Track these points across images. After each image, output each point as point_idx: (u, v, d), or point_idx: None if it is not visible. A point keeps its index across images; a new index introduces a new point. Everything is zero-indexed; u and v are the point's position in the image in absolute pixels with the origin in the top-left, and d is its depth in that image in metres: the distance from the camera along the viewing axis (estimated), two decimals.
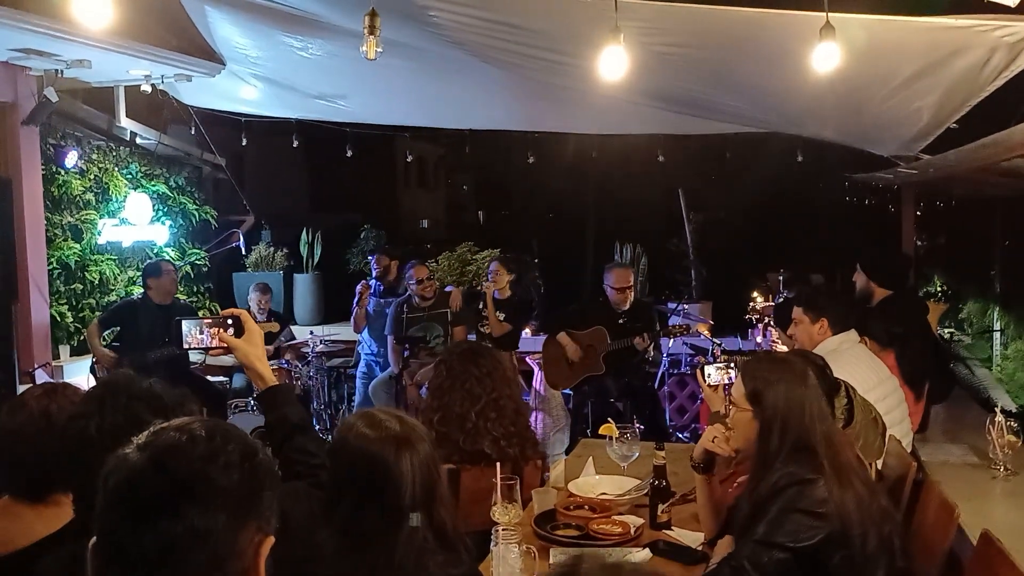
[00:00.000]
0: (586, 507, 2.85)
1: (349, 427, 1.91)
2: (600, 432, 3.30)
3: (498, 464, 2.55)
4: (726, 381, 3.30)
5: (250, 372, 2.19)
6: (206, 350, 2.33)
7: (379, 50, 3.16)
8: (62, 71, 6.03)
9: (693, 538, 2.70)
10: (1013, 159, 3.37)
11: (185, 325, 2.19)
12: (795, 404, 2.23)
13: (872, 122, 4.55)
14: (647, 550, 2.50)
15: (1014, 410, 8.27)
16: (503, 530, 2.38)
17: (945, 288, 12.19)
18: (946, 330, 11.87)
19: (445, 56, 5.24)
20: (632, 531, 2.66)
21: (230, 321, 2.17)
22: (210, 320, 2.21)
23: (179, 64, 6.28)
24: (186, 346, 2.20)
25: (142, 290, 6.04)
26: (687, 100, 4.80)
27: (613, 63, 3.08)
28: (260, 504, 1.07)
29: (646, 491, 2.91)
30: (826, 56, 2.92)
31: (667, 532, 2.77)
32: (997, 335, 10.95)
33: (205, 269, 8.25)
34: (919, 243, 13.31)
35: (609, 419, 3.29)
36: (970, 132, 3.94)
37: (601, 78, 3.17)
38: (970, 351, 11.28)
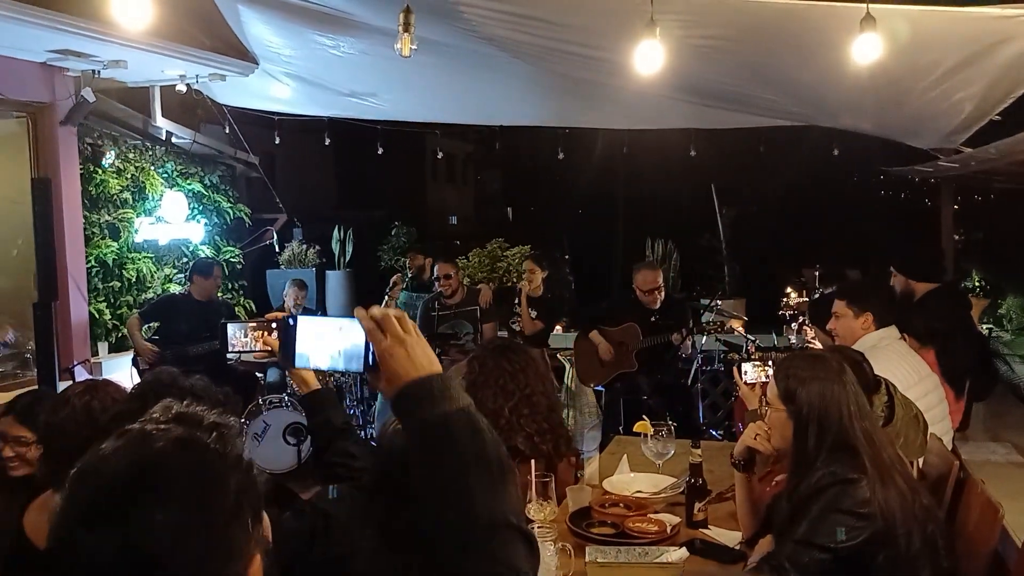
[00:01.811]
0: (621, 505, 2.83)
1: (389, 422, 1.91)
2: (635, 430, 3.27)
3: (532, 461, 2.54)
4: (763, 379, 3.26)
5: (294, 376, 2.25)
6: (251, 353, 2.35)
7: (414, 47, 3.15)
8: (99, 71, 6.12)
9: (730, 537, 2.67)
10: None
11: (230, 329, 2.23)
12: (831, 402, 2.20)
13: (912, 114, 4.46)
14: (684, 549, 2.47)
15: None
16: (538, 528, 2.37)
17: (984, 283, 11.97)
18: (985, 326, 11.66)
19: (476, 52, 5.23)
20: (668, 529, 2.64)
21: (274, 325, 2.20)
22: (254, 324, 2.24)
23: (213, 64, 6.33)
24: (231, 348, 2.24)
25: (183, 286, 6.12)
26: (721, 94, 4.74)
27: (649, 57, 3.04)
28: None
29: (682, 489, 2.88)
30: (867, 48, 2.86)
31: (704, 531, 2.74)
32: None
33: (239, 267, 8.33)
34: (957, 237, 13.09)
35: (644, 416, 3.26)
36: (1014, 124, 3.84)
37: (636, 73, 3.13)
38: (1010, 347, 11.07)
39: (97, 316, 6.61)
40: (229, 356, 6.43)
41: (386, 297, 6.51)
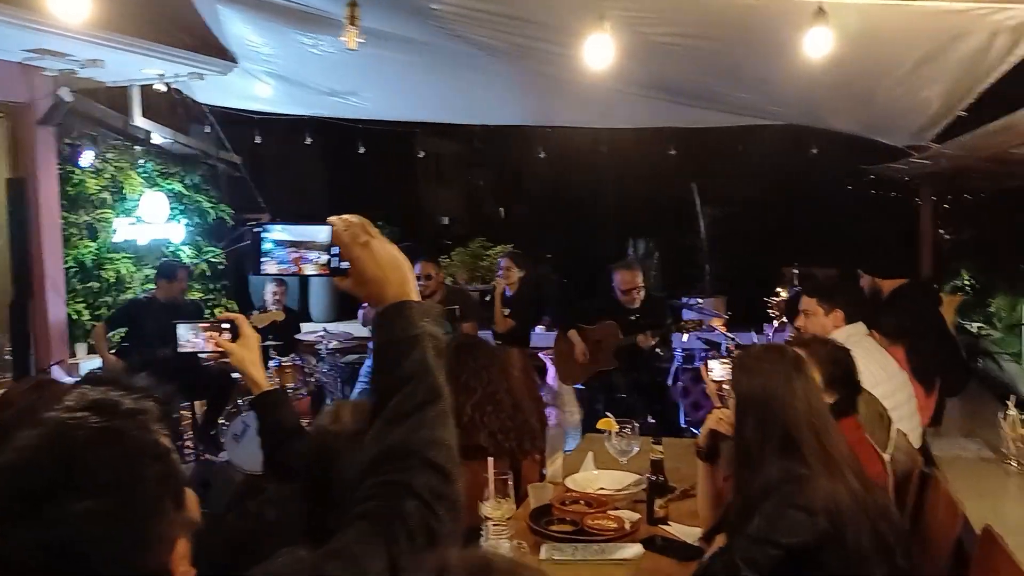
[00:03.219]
0: (582, 502, 2.82)
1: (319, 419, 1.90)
2: (599, 427, 3.27)
3: (490, 459, 2.53)
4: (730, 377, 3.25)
5: (245, 377, 2.21)
6: (203, 354, 2.32)
7: (361, 40, 3.14)
8: (76, 71, 6.09)
9: (691, 533, 2.66)
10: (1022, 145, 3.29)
11: (181, 329, 2.22)
12: (772, 395, 2.18)
13: (882, 111, 4.47)
14: (639, 545, 2.46)
15: None
16: (493, 525, 2.36)
17: (973, 282, 12.00)
18: (974, 324, 11.70)
19: (453, 51, 5.22)
20: (627, 526, 2.63)
21: (226, 325, 2.17)
22: (206, 324, 2.22)
23: (192, 63, 6.31)
24: (181, 350, 2.22)
25: (150, 288, 6.11)
26: (694, 91, 4.74)
27: (598, 51, 3.03)
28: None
29: (644, 486, 2.87)
30: (818, 41, 2.87)
31: (664, 527, 2.73)
32: None
33: (221, 267, 8.30)
34: (947, 236, 13.11)
35: (608, 414, 3.25)
36: (980, 120, 3.85)
37: (587, 67, 3.13)
38: (999, 346, 11.09)
39: (75, 317, 6.58)
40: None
41: (363, 309, 6.48)
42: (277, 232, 1.30)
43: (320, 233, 1.27)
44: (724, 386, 3.08)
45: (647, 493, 2.79)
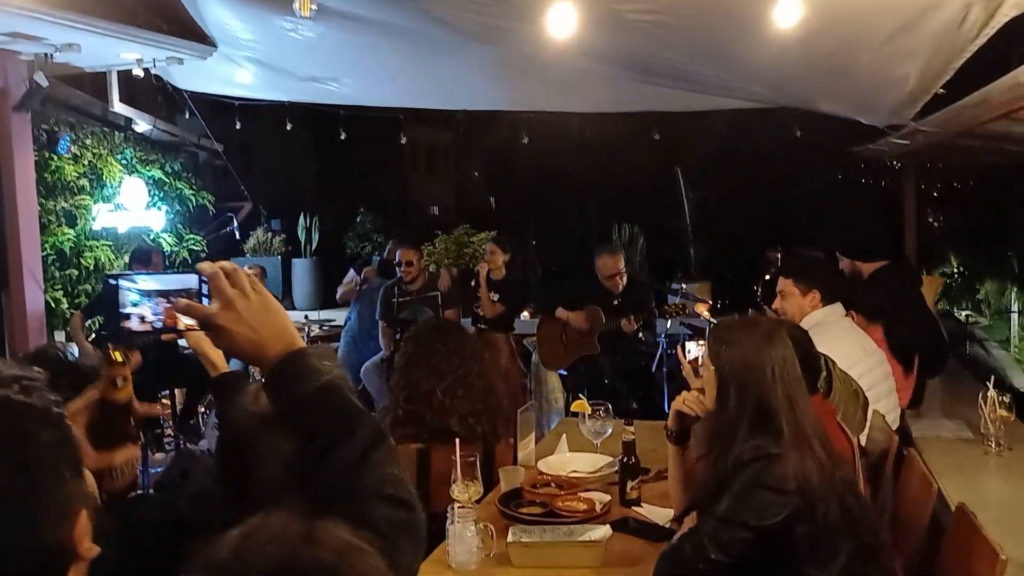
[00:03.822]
0: (553, 485, 2.79)
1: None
2: (572, 409, 3.24)
3: (457, 441, 2.49)
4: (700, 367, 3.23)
5: (202, 359, 2.07)
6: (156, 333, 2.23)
7: (314, 7, 3.08)
8: (52, 55, 6.00)
9: (663, 515, 2.64)
10: (997, 119, 3.26)
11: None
12: (752, 364, 2.17)
13: (861, 89, 4.44)
14: (607, 527, 2.43)
15: None
16: (459, 508, 2.33)
17: (962, 268, 12.04)
18: (962, 312, 11.73)
19: (431, 36, 5.18)
20: (598, 508, 2.60)
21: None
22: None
23: (170, 47, 6.22)
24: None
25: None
26: (672, 72, 4.69)
27: (561, 20, 2.98)
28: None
29: (617, 468, 2.84)
30: (788, 10, 2.82)
31: (636, 509, 2.71)
32: (1015, 316, 10.78)
33: (203, 255, 8.23)
34: (935, 223, 13.14)
35: (581, 396, 3.22)
36: (958, 97, 3.82)
37: (552, 37, 3.08)
38: (988, 332, 11.12)
39: (54, 305, 6.51)
40: (187, 345, 6.36)
41: (351, 274, 6.46)
42: (144, 282, 1.19)
43: (192, 281, 1.15)
44: (700, 360, 3.06)
45: (619, 475, 2.77)
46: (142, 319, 2.13)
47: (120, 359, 1.18)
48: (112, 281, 1.19)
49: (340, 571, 0.81)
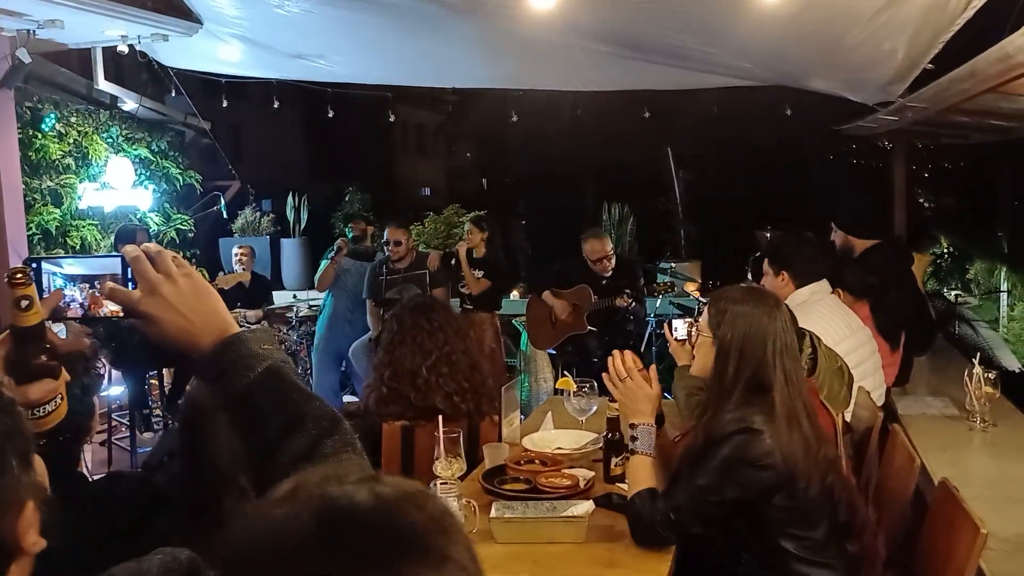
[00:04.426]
0: (537, 461, 2.78)
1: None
2: (557, 386, 3.23)
3: (440, 417, 2.48)
4: (693, 335, 3.22)
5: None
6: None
7: None
8: (34, 31, 5.92)
9: None
10: (985, 93, 3.24)
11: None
12: (756, 333, 2.18)
13: (850, 65, 4.42)
14: (590, 502, 2.43)
15: (1018, 370, 8.18)
16: (441, 484, 2.32)
17: (951, 248, 12.06)
18: (952, 292, 11.77)
19: (418, 12, 5.12)
20: (582, 484, 2.60)
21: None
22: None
23: (155, 23, 6.15)
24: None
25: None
26: (661, 48, 4.65)
27: None
28: None
29: (601, 444, 2.84)
30: None
31: (620, 485, 2.70)
32: (1004, 296, 10.82)
33: (191, 235, 8.18)
34: (925, 203, 13.15)
35: (566, 373, 3.21)
36: (946, 72, 3.80)
37: (534, 8, 3.04)
38: (977, 312, 11.16)
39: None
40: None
41: (326, 260, 6.43)
42: (69, 265, 1.12)
43: (116, 265, 1.08)
44: (687, 334, 3.06)
45: (603, 451, 2.76)
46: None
47: (20, 279, 1.03)
48: (34, 265, 1.10)
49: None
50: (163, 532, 1.27)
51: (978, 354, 3.62)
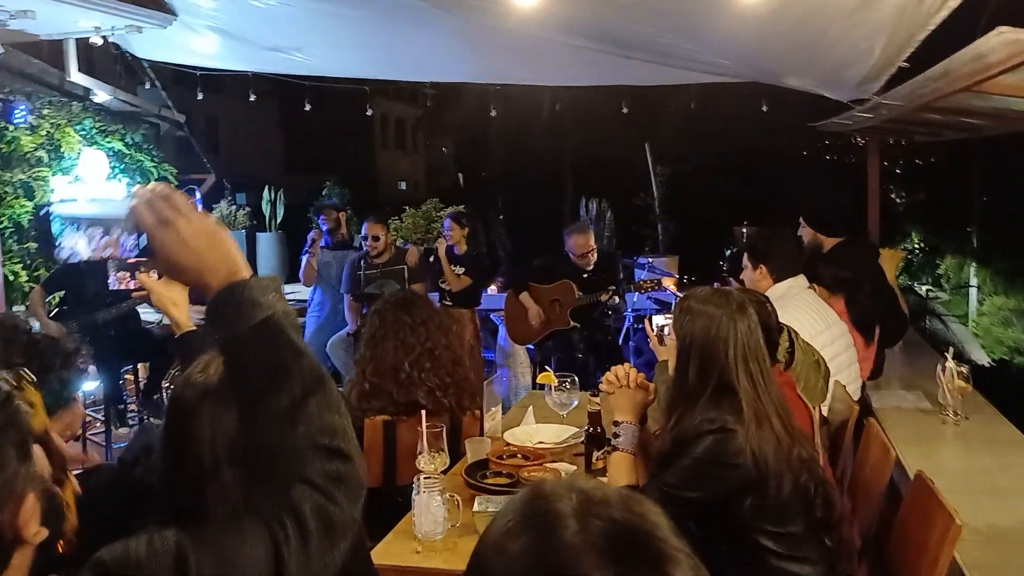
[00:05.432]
0: (519, 455, 2.80)
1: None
2: (538, 381, 3.25)
3: (423, 412, 2.49)
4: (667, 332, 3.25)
5: (167, 316, 2.14)
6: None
7: None
8: (5, 22, 5.82)
9: None
10: (959, 92, 3.29)
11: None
12: (715, 337, 2.16)
13: (826, 63, 4.47)
14: None
15: (987, 365, 8.31)
16: (425, 478, 2.33)
17: (923, 244, 12.22)
18: (923, 287, 11.94)
19: (397, 3, 5.11)
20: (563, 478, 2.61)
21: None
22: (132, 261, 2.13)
23: (129, 15, 6.06)
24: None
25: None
26: (640, 44, 4.67)
27: None
28: None
29: (583, 439, 2.86)
30: None
31: (602, 479, 2.72)
32: (973, 291, 11.00)
33: None
34: (898, 200, 13.33)
35: (547, 368, 3.23)
36: (921, 71, 3.86)
37: (515, 4, 3.04)
38: (947, 307, 11.32)
39: (12, 278, 6.37)
40: (150, 320, 6.26)
41: (306, 256, 6.40)
42: (83, 206, 1.13)
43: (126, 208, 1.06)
44: (665, 330, 3.08)
45: (585, 445, 2.78)
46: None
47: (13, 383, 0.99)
48: (45, 209, 1.09)
49: None
50: (143, 527, 1.27)
51: (951, 349, 3.67)
